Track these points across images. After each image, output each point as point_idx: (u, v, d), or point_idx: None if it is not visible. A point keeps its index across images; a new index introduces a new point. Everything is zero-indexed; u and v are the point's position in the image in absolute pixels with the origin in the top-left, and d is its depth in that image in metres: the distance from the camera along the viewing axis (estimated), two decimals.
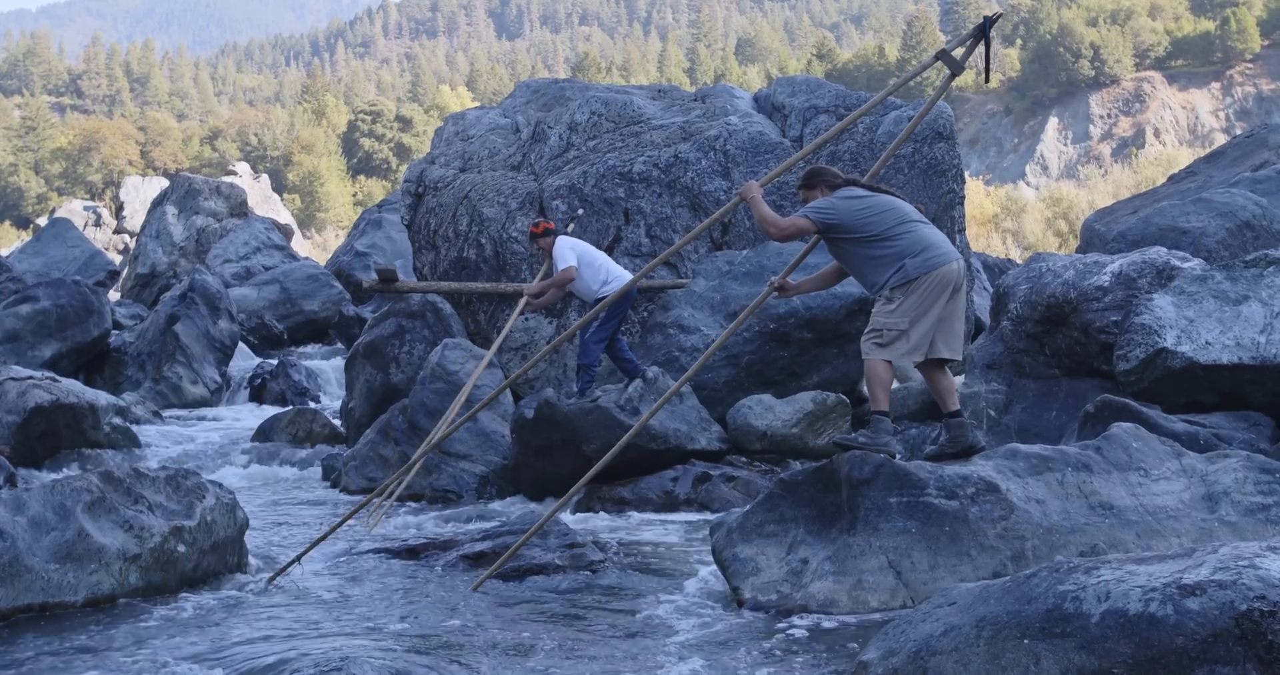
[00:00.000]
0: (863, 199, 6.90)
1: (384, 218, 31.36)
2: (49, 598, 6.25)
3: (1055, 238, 56.32)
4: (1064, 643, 3.81)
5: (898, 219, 6.82)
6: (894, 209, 6.86)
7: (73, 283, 18.21)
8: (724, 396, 11.71)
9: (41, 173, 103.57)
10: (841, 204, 6.89)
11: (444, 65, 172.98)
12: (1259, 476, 6.77)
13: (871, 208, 6.85)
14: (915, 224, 6.83)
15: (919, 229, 6.82)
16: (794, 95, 15.49)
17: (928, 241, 6.77)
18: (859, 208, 6.85)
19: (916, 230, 6.81)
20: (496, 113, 16.34)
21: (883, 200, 6.91)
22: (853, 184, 7.05)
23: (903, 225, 6.80)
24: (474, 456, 10.92)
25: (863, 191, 6.96)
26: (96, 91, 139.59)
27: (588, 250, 11.36)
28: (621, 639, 5.77)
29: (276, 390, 18.34)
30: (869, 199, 6.90)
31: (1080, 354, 10.29)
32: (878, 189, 7.04)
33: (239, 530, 7.51)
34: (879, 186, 7.07)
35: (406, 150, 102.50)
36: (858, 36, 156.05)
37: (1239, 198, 13.11)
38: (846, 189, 7.00)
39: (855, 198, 6.91)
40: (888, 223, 6.80)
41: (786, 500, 6.69)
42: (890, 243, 6.77)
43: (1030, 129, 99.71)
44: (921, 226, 6.84)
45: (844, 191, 6.98)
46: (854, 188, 7.01)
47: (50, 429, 12.11)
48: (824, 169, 7.20)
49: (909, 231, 6.79)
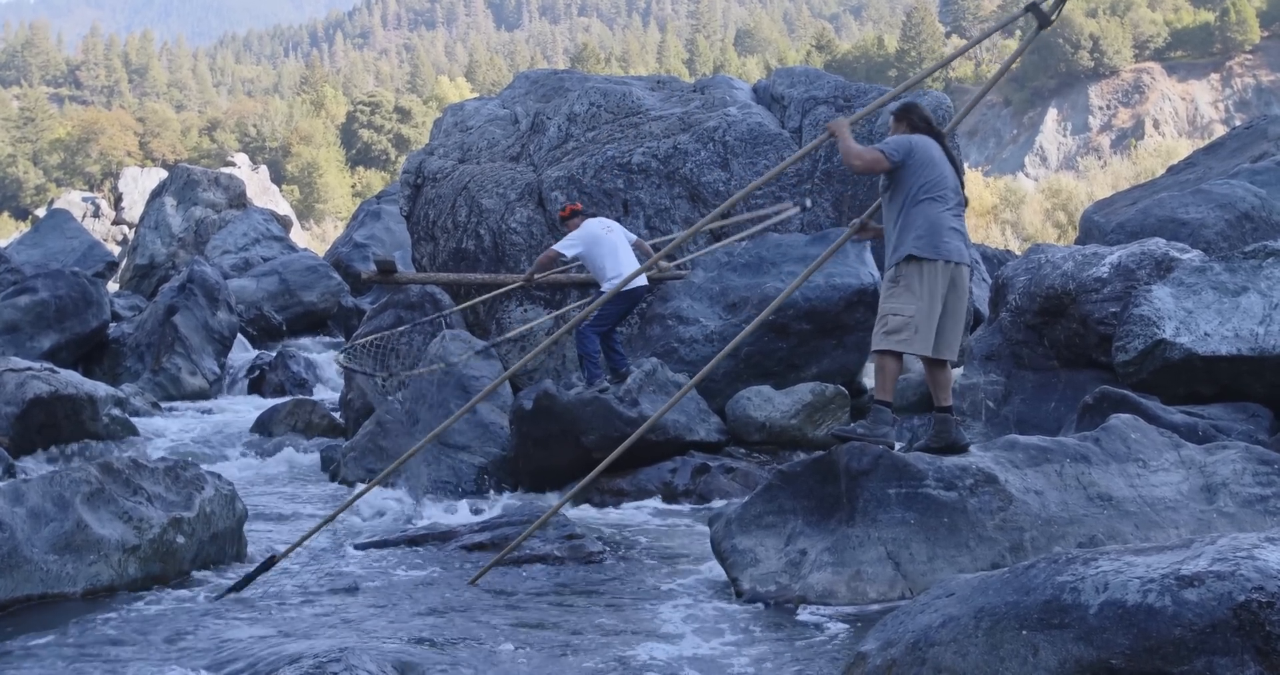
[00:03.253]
0: (930, 150, 6.86)
1: (383, 209, 31.33)
2: (48, 588, 6.25)
3: (1054, 229, 56.28)
4: (1062, 634, 3.80)
5: (940, 191, 6.78)
6: (944, 179, 6.83)
7: (71, 274, 18.19)
8: (723, 388, 11.71)
9: (40, 164, 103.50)
10: (919, 141, 6.85)
11: (443, 56, 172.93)
12: (1257, 468, 6.78)
13: (927, 167, 6.80)
14: (948, 208, 6.78)
15: (945, 214, 6.76)
16: (793, 86, 15.47)
17: (945, 230, 6.74)
18: (921, 158, 6.81)
19: (942, 213, 6.75)
20: (495, 104, 16.33)
21: (941, 166, 6.87)
22: (936, 137, 7.00)
23: (937, 201, 6.77)
24: (473, 448, 10.91)
25: (937, 148, 6.92)
26: (95, 82, 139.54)
27: (606, 239, 11.24)
28: (620, 630, 5.77)
29: (275, 381, 18.34)
30: (934, 157, 6.85)
31: (1079, 345, 10.29)
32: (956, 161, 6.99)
33: (238, 521, 7.52)
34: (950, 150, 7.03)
35: (405, 141, 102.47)
36: (857, 27, 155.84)
37: (1238, 189, 13.10)
38: (924, 138, 6.93)
39: (925, 147, 6.86)
40: (934, 185, 6.77)
41: (785, 491, 6.69)
42: (919, 208, 6.74)
43: (1029, 120, 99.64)
44: (949, 214, 6.78)
45: (922, 137, 6.93)
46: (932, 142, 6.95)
47: (49, 420, 12.10)
48: (917, 107, 7.15)
49: (940, 211, 6.76)
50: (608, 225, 11.36)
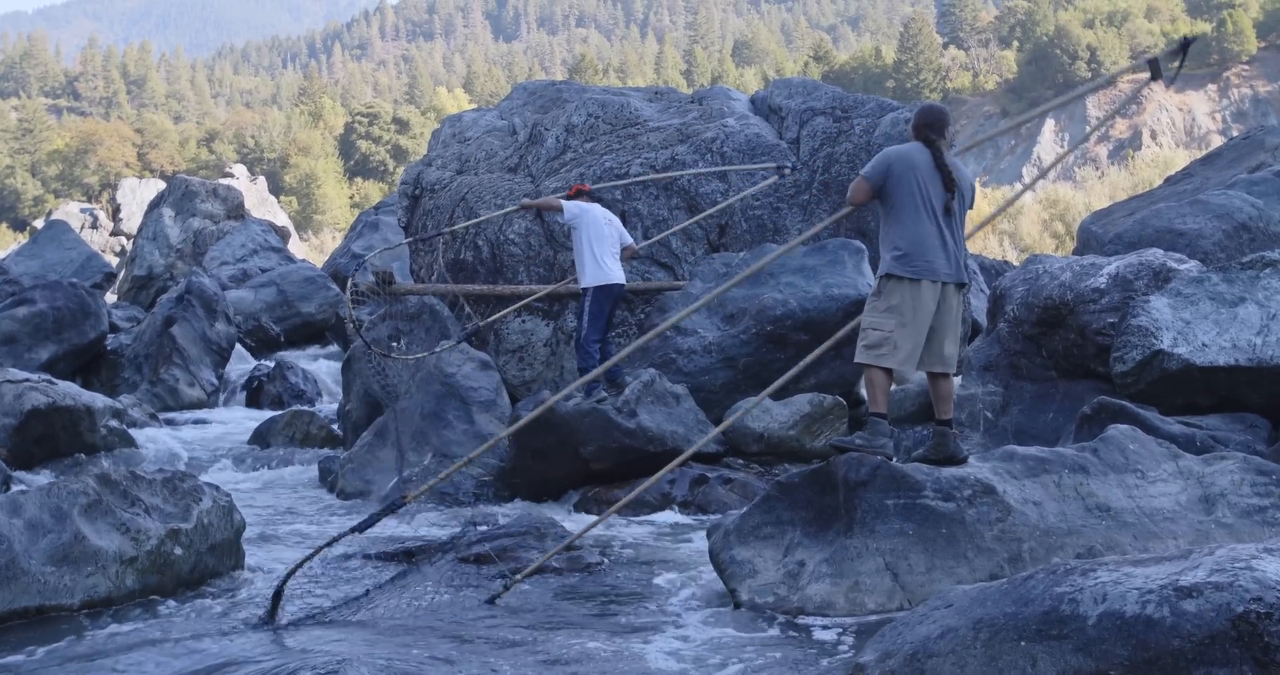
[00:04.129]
0: (913, 161, 6.70)
1: (381, 220, 31.32)
2: (45, 600, 6.24)
3: (1052, 239, 56.30)
4: (1061, 645, 3.80)
5: (921, 202, 6.66)
6: (926, 190, 6.67)
7: (69, 285, 18.20)
8: (721, 398, 11.71)
9: (38, 175, 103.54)
10: (899, 154, 6.72)
11: (441, 67, 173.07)
12: (1255, 478, 6.78)
13: (907, 180, 6.67)
14: (931, 220, 6.66)
15: (927, 229, 6.65)
16: (791, 97, 15.49)
17: (926, 247, 6.69)
18: (900, 171, 6.68)
19: (923, 227, 6.65)
20: (493, 115, 16.34)
21: (925, 177, 6.69)
22: (929, 143, 6.80)
23: (918, 212, 6.65)
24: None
25: (924, 157, 6.74)
26: (93, 94, 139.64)
27: (601, 226, 11.36)
28: (618, 641, 5.76)
29: (273, 392, 18.32)
30: (918, 169, 6.69)
31: (1077, 356, 10.29)
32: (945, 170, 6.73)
33: (236, 533, 7.51)
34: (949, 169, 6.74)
35: (403, 152, 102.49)
36: (854, 38, 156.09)
37: (1235, 200, 13.11)
38: (909, 149, 6.78)
39: (906, 158, 6.73)
40: (907, 204, 6.66)
41: (783, 502, 6.69)
42: (900, 223, 6.67)
43: (1027, 130, 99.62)
44: (931, 227, 6.66)
45: (914, 146, 6.81)
46: (917, 152, 6.78)
47: (47, 431, 12.09)
48: (919, 113, 6.92)
49: (921, 225, 6.65)
50: (610, 218, 11.55)
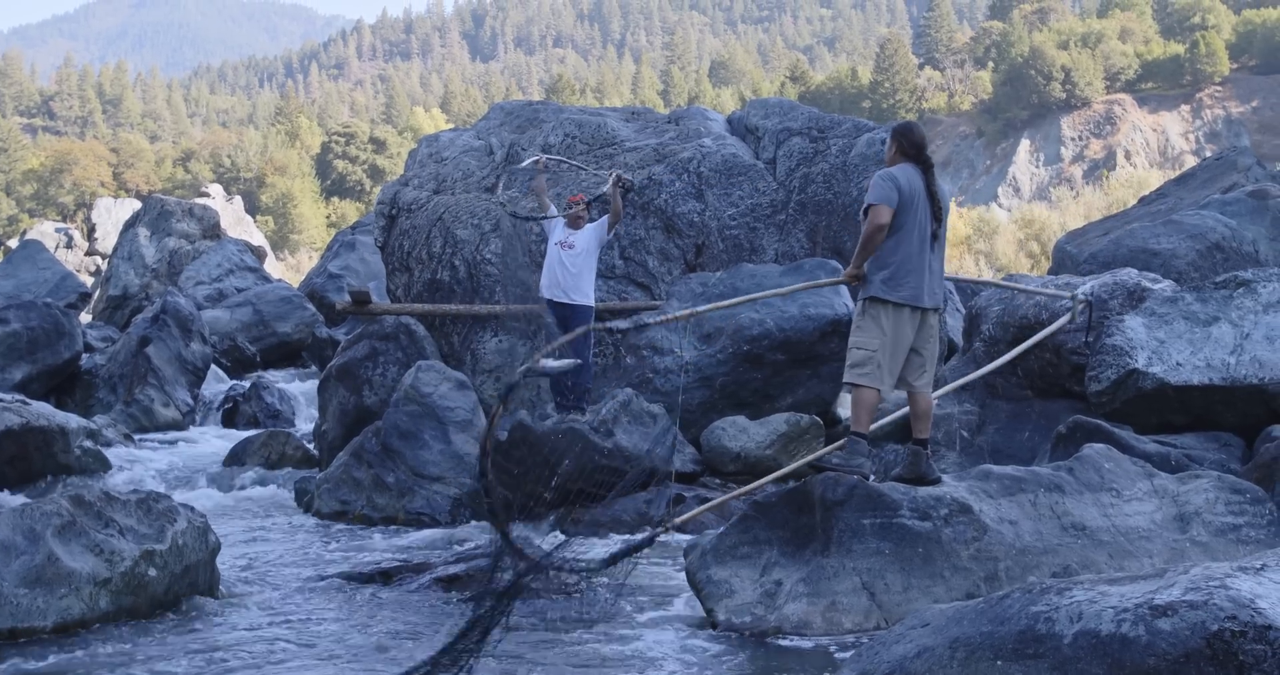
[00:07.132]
0: (915, 185, 6.76)
1: (357, 239, 31.24)
2: (18, 623, 6.18)
3: (1027, 259, 56.50)
4: (1037, 664, 3.81)
5: (912, 229, 6.72)
6: (916, 213, 6.74)
7: (43, 305, 18.08)
8: (698, 418, 11.71)
9: (13, 194, 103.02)
10: (901, 176, 6.77)
11: (418, 87, 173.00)
12: (1230, 497, 6.81)
13: (910, 203, 6.73)
14: (919, 243, 6.74)
15: (914, 252, 6.72)
16: (767, 117, 15.55)
17: (912, 271, 6.73)
18: (907, 194, 6.74)
19: (911, 251, 6.71)
20: (470, 135, 16.35)
21: (920, 202, 6.75)
22: (924, 165, 6.88)
23: (909, 241, 6.72)
24: (447, 479, 10.87)
25: (920, 183, 6.80)
26: (69, 113, 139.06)
27: (554, 249, 12.09)
28: (596, 661, 5.75)
29: (249, 413, 18.23)
30: (917, 194, 6.75)
31: (1052, 375, 10.33)
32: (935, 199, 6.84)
33: (211, 554, 7.46)
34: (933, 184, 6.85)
35: (380, 172, 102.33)
36: (831, 59, 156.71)
37: (1209, 220, 13.21)
38: (905, 171, 6.84)
39: (910, 181, 6.78)
40: (903, 226, 6.70)
41: (760, 522, 6.69)
42: (890, 246, 6.71)
43: (1002, 151, 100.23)
44: (916, 250, 6.73)
45: (911, 169, 6.86)
46: (910, 168, 6.85)
47: (20, 452, 12.00)
48: (909, 133, 7.00)
49: (910, 248, 6.71)
50: (575, 243, 12.02)
